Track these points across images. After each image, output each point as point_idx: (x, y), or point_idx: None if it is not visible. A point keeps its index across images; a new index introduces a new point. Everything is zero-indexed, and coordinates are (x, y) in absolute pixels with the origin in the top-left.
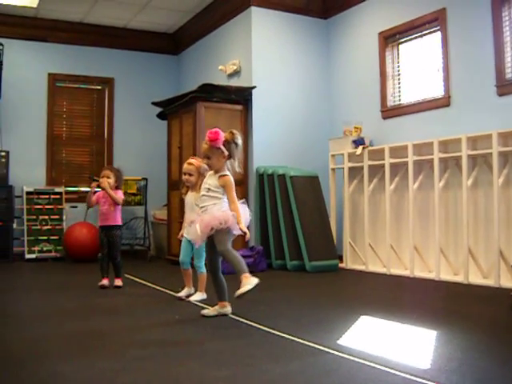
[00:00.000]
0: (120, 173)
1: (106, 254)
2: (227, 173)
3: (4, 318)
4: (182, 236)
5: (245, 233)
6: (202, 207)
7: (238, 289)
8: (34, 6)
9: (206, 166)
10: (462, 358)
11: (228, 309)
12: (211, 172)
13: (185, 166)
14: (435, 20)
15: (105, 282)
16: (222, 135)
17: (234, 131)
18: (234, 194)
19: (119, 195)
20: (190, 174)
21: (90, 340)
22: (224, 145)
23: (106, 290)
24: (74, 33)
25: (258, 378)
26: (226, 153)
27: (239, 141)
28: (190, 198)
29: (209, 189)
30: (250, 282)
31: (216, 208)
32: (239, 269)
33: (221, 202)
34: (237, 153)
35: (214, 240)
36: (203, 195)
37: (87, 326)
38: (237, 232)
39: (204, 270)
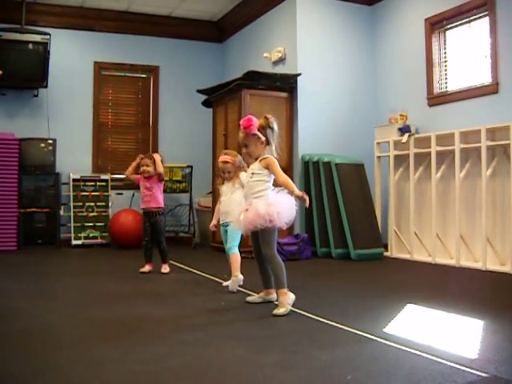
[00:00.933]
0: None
1: (150, 239)
2: (270, 155)
3: (54, 302)
4: (215, 227)
5: (303, 197)
6: (246, 196)
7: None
8: None
9: (240, 158)
10: (511, 349)
11: (273, 296)
12: (252, 160)
13: (220, 165)
14: (483, 5)
15: (147, 267)
16: (256, 121)
17: (268, 116)
18: (280, 170)
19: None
20: (229, 172)
21: (137, 324)
22: (259, 130)
23: (151, 276)
24: (120, 21)
25: (305, 364)
26: (263, 138)
27: (274, 125)
28: (226, 188)
29: (253, 173)
30: (287, 300)
31: (261, 202)
32: (280, 281)
33: (266, 189)
34: (273, 138)
35: (259, 235)
36: (248, 182)
37: (134, 311)
38: (284, 227)
39: (237, 250)
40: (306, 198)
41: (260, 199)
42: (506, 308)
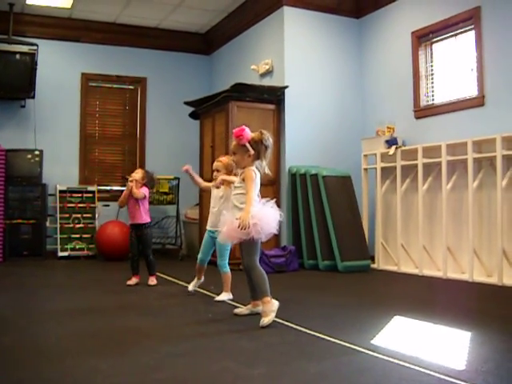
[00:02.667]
0: (150, 173)
1: (137, 252)
2: (252, 168)
3: (40, 314)
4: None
5: (243, 227)
6: (231, 208)
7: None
8: (68, 6)
9: (234, 164)
10: (498, 359)
11: (261, 307)
12: (239, 171)
13: (214, 163)
14: (469, 19)
15: (133, 280)
16: (248, 133)
17: (264, 132)
18: (253, 187)
19: (143, 190)
20: (218, 171)
21: (125, 337)
22: (251, 144)
23: (138, 288)
24: (107, 33)
25: (293, 376)
26: (252, 152)
27: (268, 142)
28: (217, 192)
29: (235, 186)
30: (271, 308)
31: (238, 215)
32: (262, 290)
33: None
34: (265, 154)
35: (241, 246)
36: (233, 194)
37: (121, 324)
38: (264, 239)
39: (228, 269)
40: (246, 228)
41: (240, 211)
42: (492, 319)
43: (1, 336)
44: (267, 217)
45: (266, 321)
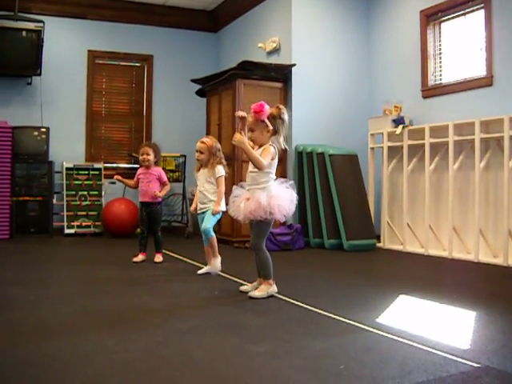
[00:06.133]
0: (158, 148)
1: (146, 228)
2: (272, 145)
3: (47, 291)
4: (195, 210)
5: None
6: (248, 186)
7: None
8: None
9: (218, 146)
10: (503, 339)
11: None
12: (256, 148)
13: (197, 143)
14: None
15: (140, 257)
16: (268, 108)
17: (281, 106)
18: (268, 157)
19: (162, 177)
20: (201, 152)
21: (131, 313)
22: (269, 119)
23: (144, 265)
24: (114, 10)
25: (298, 353)
26: (271, 127)
27: (285, 116)
28: (201, 174)
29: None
30: (268, 290)
31: (263, 194)
32: (266, 273)
33: (268, 181)
34: (283, 128)
35: (253, 225)
36: (250, 172)
37: (127, 300)
38: (282, 219)
39: (213, 233)
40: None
41: (262, 190)
42: (497, 299)
43: (8, 312)
44: (287, 198)
45: (256, 294)
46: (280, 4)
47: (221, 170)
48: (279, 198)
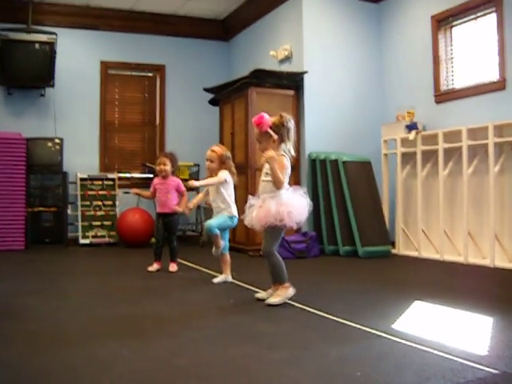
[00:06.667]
0: (175, 158)
1: (161, 238)
2: (283, 153)
3: (63, 301)
4: (190, 208)
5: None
6: (261, 194)
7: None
8: None
9: (228, 155)
10: None
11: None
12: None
13: (207, 152)
14: (490, 1)
15: (155, 266)
16: (268, 119)
17: (283, 114)
18: (283, 171)
19: (180, 187)
20: (211, 161)
21: (146, 322)
22: (273, 128)
23: (159, 274)
24: (125, 20)
25: (315, 361)
26: (275, 136)
27: (289, 123)
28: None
29: (267, 173)
30: (286, 294)
31: (274, 201)
32: (280, 277)
33: (279, 191)
34: (288, 136)
35: (265, 231)
36: (262, 181)
37: (143, 309)
38: (295, 227)
39: (217, 231)
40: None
41: (273, 198)
42: None
43: (24, 323)
44: (298, 205)
45: (272, 300)
46: (291, 12)
47: (222, 174)
48: (290, 205)
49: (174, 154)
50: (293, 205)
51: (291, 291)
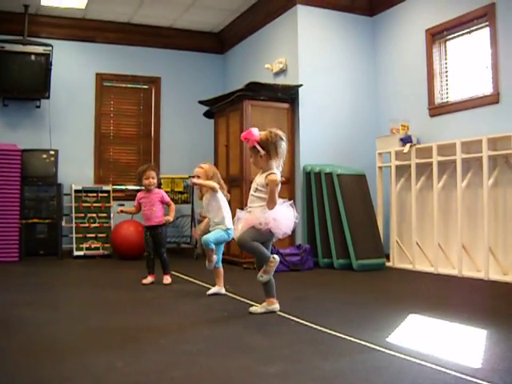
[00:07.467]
0: (158, 169)
1: (152, 251)
2: (275, 171)
3: (57, 313)
4: (199, 234)
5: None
6: (249, 207)
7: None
8: (83, 7)
9: (215, 171)
10: None
11: (276, 306)
12: (260, 172)
13: (196, 168)
14: (484, 16)
15: (149, 279)
16: (255, 135)
17: (273, 130)
18: (276, 194)
19: (162, 196)
20: (198, 177)
21: (141, 335)
22: (260, 144)
23: (153, 287)
24: (121, 33)
25: (309, 374)
26: (262, 152)
27: (277, 140)
28: (205, 200)
29: (256, 188)
30: (270, 307)
31: (260, 210)
32: (263, 257)
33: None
34: (277, 152)
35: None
36: (251, 195)
37: (137, 322)
38: (280, 235)
39: (213, 246)
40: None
41: (260, 210)
42: (508, 317)
43: (18, 334)
44: (283, 214)
45: (264, 277)
46: (286, 25)
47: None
48: (275, 213)
49: (149, 165)
50: (278, 213)
51: (276, 306)
